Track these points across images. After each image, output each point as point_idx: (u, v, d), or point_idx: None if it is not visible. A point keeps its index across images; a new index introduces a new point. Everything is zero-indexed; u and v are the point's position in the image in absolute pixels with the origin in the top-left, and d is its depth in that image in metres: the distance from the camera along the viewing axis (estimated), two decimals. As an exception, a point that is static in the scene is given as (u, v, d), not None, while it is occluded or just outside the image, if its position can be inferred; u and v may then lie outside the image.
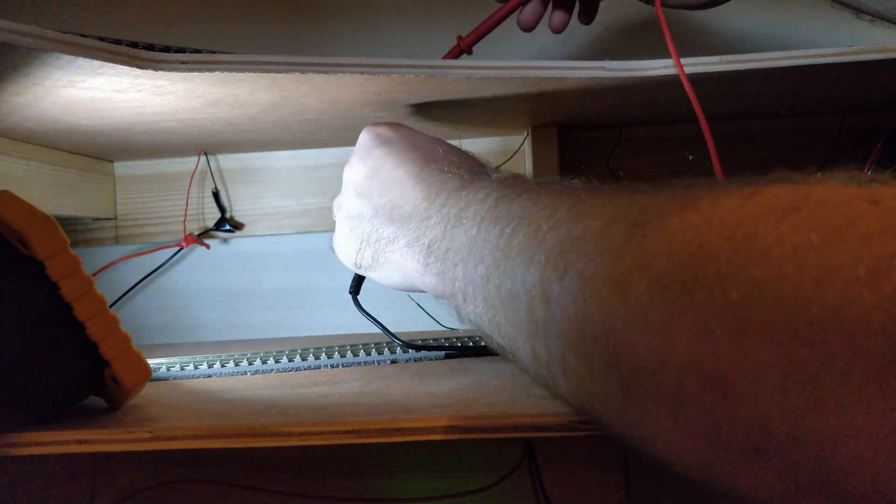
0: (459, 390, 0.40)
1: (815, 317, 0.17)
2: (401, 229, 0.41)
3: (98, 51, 0.35)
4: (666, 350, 0.21)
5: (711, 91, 0.51)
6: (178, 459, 0.57)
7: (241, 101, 0.47)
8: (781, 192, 0.21)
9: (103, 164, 0.70)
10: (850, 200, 0.19)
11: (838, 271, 0.17)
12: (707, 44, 0.74)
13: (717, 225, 0.21)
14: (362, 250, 0.44)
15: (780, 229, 0.19)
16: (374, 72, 0.40)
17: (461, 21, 0.74)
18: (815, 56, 0.43)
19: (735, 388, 0.19)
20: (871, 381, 0.16)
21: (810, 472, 0.18)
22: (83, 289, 0.35)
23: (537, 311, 0.28)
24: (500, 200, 0.35)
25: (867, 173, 0.20)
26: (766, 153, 0.67)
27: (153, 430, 0.34)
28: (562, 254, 0.27)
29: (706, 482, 0.22)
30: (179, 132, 0.57)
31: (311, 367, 0.50)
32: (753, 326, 0.19)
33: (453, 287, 0.37)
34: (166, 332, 0.71)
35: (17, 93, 0.42)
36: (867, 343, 0.16)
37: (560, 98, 0.52)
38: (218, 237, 0.71)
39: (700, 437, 0.21)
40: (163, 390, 0.45)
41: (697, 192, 0.24)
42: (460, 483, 0.57)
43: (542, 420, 0.33)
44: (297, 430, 0.33)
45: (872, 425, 0.16)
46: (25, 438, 0.33)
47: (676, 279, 0.21)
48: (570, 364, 0.27)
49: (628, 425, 0.24)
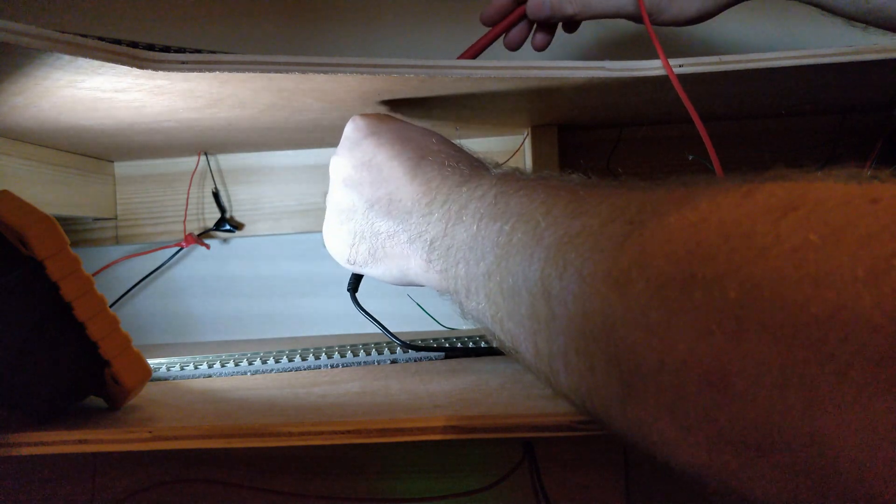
0: (459, 390, 0.40)
1: (813, 316, 0.17)
2: (401, 224, 0.41)
3: (98, 51, 0.35)
4: (665, 349, 0.21)
5: (711, 91, 0.51)
6: (178, 459, 0.57)
7: (241, 101, 0.47)
8: (779, 190, 0.21)
9: (103, 164, 0.70)
10: (849, 199, 0.19)
11: (837, 271, 0.17)
12: (707, 46, 0.74)
13: (715, 223, 0.21)
14: (356, 245, 0.43)
15: (779, 228, 0.19)
16: (374, 72, 0.40)
17: (461, 21, 0.74)
18: (814, 56, 0.43)
19: (734, 387, 0.19)
20: (871, 381, 0.16)
21: (810, 471, 0.18)
22: (83, 289, 0.35)
23: (538, 308, 0.28)
24: (499, 197, 0.34)
25: (870, 172, 0.20)
26: (766, 153, 0.67)
27: (153, 430, 0.34)
28: (560, 251, 0.27)
29: (706, 481, 0.22)
30: (179, 132, 0.57)
31: (311, 367, 0.50)
32: (752, 326, 0.19)
33: (456, 284, 0.37)
34: (166, 332, 0.71)
35: (17, 93, 0.42)
36: (866, 343, 0.16)
37: (560, 98, 0.52)
38: (218, 237, 0.71)
39: (700, 436, 0.21)
40: (163, 390, 0.45)
41: (695, 189, 0.24)
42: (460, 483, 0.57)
43: (542, 420, 0.33)
44: (297, 430, 0.33)
45: (872, 425, 0.16)
46: (25, 438, 0.34)
47: (675, 278, 0.21)
48: (572, 361, 0.27)
49: (629, 424, 0.24)
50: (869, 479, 0.17)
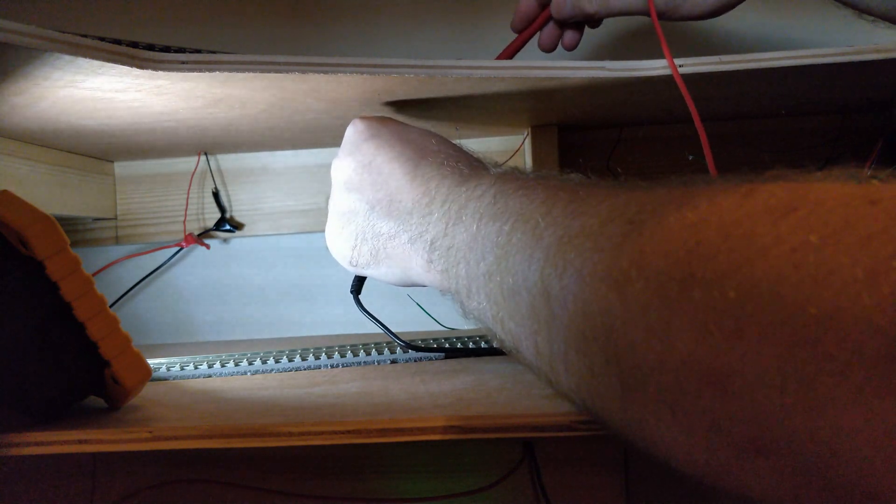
0: (459, 390, 0.40)
1: (812, 317, 0.17)
2: (402, 224, 0.41)
3: (98, 51, 0.35)
4: (665, 349, 0.21)
5: (711, 91, 0.51)
6: (178, 459, 0.57)
7: (241, 102, 0.47)
8: (779, 190, 0.21)
9: (103, 164, 0.70)
10: (848, 200, 0.19)
11: (837, 272, 0.17)
12: (707, 45, 0.74)
13: (714, 223, 0.21)
14: (358, 246, 0.43)
15: (779, 229, 0.19)
16: (374, 72, 0.40)
17: (461, 21, 0.74)
18: (815, 56, 0.43)
19: (733, 387, 0.19)
20: (870, 381, 0.16)
21: (809, 471, 0.18)
22: (83, 289, 0.35)
23: (539, 308, 0.28)
24: (498, 197, 0.34)
25: (869, 172, 0.20)
26: (766, 153, 0.67)
27: (153, 430, 0.34)
28: (560, 251, 0.27)
29: (706, 481, 0.22)
30: (179, 132, 0.57)
31: (311, 367, 0.50)
32: (751, 326, 0.19)
33: (457, 284, 0.37)
34: (166, 332, 0.71)
35: (18, 93, 0.42)
36: (865, 343, 0.16)
37: (560, 98, 0.52)
38: (218, 237, 0.71)
39: (699, 436, 0.21)
40: (163, 390, 0.45)
41: (694, 190, 0.24)
42: (460, 483, 0.57)
43: (542, 420, 0.33)
44: (297, 430, 0.33)
45: (871, 425, 0.16)
46: (25, 438, 0.34)
47: (674, 278, 0.21)
48: (572, 361, 0.27)
49: (629, 423, 0.24)
50: (868, 478, 0.17)
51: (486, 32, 0.60)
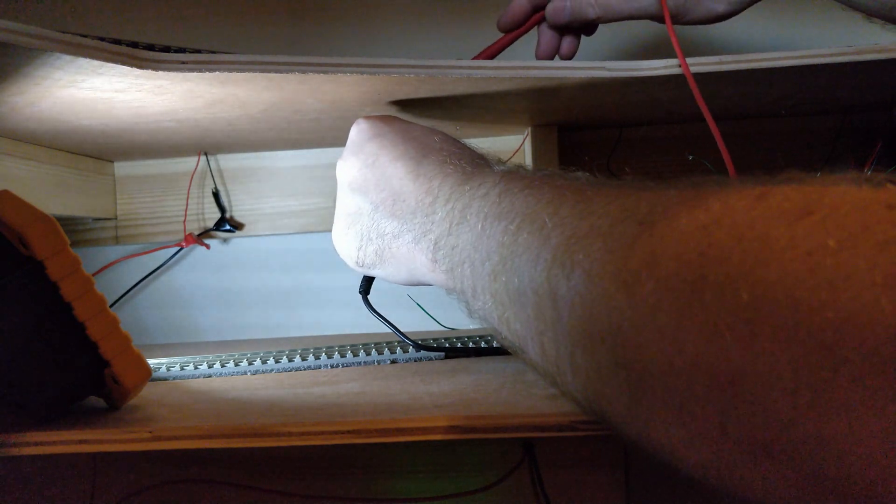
0: (459, 390, 0.40)
1: (829, 321, 0.17)
2: (406, 224, 0.41)
3: (98, 51, 0.35)
4: (674, 351, 0.21)
5: (711, 91, 0.50)
6: (178, 459, 0.57)
7: (241, 101, 0.47)
8: (793, 193, 0.20)
9: (103, 164, 0.70)
10: (865, 205, 0.19)
11: (854, 276, 0.17)
12: (710, 45, 0.74)
13: (727, 225, 0.21)
14: (363, 247, 0.43)
15: (794, 232, 0.19)
16: (374, 72, 0.40)
17: (461, 21, 0.74)
18: (815, 56, 0.43)
19: (744, 389, 0.19)
20: (885, 387, 0.16)
21: (820, 474, 0.18)
22: (83, 289, 0.35)
23: (545, 309, 0.28)
24: (503, 195, 0.34)
25: (881, 174, 0.20)
26: (766, 153, 0.67)
27: (153, 430, 0.34)
28: (568, 252, 0.27)
29: (713, 483, 0.22)
30: (179, 132, 0.57)
31: (311, 367, 0.50)
32: (764, 328, 0.18)
33: (462, 283, 0.36)
34: (166, 332, 0.71)
35: (18, 93, 0.42)
36: (882, 348, 0.16)
37: (560, 98, 0.52)
38: (218, 237, 0.71)
39: (708, 439, 0.21)
40: (163, 390, 0.45)
41: (706, 191, 0.23)
42: (460, 483, 0.57)
43: (542, 420, 0.33)
44: (297, 430, 0.33)
45: (885, 430, 0.16)
46: (25, 438, 0.33)
47: (685, 279, 0.21)
48: (578, 362, 0.27)
49: (636, 425, 0.24)
50: (881, 483, 0.17)
51: (486, 32, 0.60)
